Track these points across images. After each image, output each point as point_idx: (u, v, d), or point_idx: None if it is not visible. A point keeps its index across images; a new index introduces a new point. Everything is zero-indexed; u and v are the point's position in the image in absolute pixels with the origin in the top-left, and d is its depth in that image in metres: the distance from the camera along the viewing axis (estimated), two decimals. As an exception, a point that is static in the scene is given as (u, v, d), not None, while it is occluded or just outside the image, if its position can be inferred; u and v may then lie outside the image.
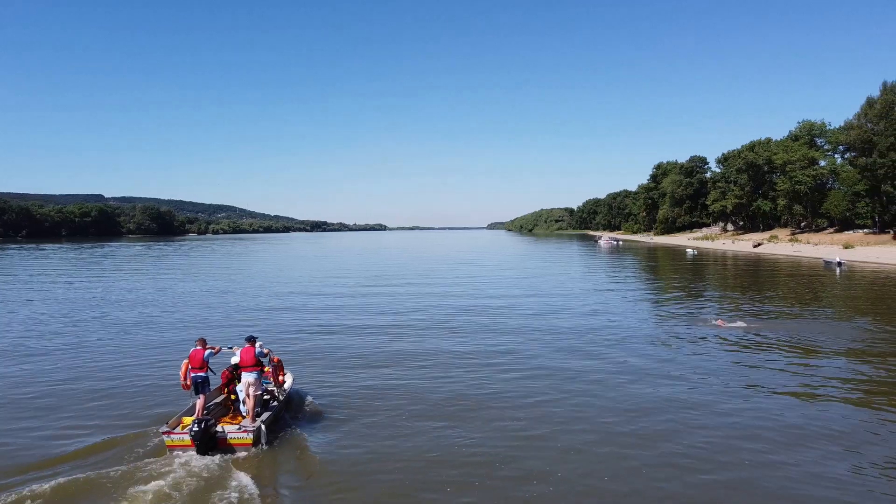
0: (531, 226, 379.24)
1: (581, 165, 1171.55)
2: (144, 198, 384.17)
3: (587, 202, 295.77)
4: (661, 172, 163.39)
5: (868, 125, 74.85)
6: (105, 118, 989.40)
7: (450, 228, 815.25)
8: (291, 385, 14.38)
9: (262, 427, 11.69)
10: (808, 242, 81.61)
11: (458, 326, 25.03)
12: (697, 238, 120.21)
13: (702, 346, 20.45)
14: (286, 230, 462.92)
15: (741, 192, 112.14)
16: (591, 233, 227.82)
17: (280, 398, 13.51)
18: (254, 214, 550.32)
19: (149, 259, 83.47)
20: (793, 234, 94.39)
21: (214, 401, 13.29)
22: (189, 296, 37.63)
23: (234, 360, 13.17)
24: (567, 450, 11.40)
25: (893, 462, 10.70)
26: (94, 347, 21.54)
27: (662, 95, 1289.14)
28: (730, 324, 24.03)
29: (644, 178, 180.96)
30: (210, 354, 12.74)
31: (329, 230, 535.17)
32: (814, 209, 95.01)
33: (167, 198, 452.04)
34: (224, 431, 11.55)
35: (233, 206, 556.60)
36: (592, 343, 21.19)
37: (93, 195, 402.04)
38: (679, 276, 50.39)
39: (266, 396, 13.28)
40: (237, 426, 11.81)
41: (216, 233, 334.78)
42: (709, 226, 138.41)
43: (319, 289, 41.47)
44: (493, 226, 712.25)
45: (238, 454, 11.40)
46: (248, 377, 12.34)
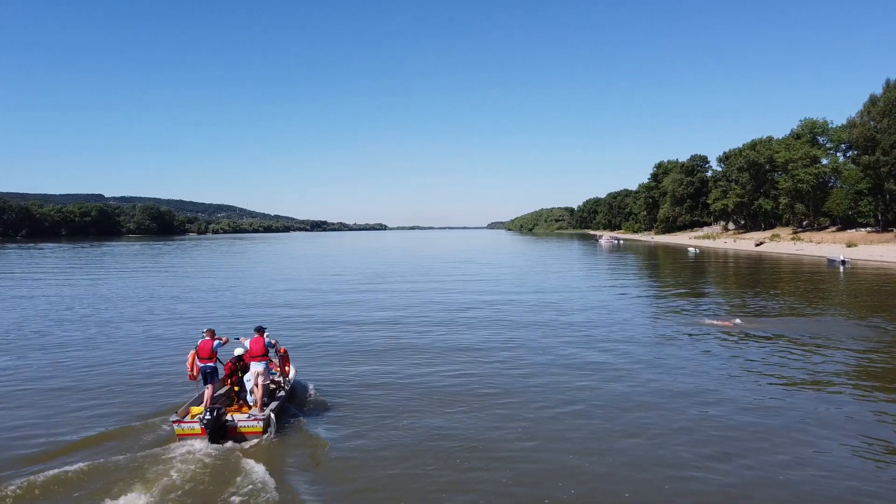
0: (531, 225, 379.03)
1: (581, 165, 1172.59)
2: (144, 197, 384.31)
3: (587, 202, 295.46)
4: (662, 171, 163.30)
5: (871, 123, 74.50)
6: (105, 118, 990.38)
7: (450, 228, 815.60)
8: (294, 376, 14.42)
9: (272, 416, 11.65)
10: (811, 241, 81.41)
11: (458, 322, 24.99)
12: (698, 237, 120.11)
13: (708, 343, 20.40)
14: (286, 230, 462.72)
15: (742, 191, 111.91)
16: (592, 232, 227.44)
17: (285, 388, 13.49)
18: (254, 214, 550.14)
19: (148, 258, 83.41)
20: (795, 233, 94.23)
21: (219, 391, 13.26)
22: (191, 292, 37.60)
23: (238, 352, 13.18)
24: (569, 445, 11.37)
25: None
26: (97, 343, 21.50)
27: (663, 95, 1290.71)
28: (735, 321, 23.96)
29: (645, 178, 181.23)
30: (219, 345, 12.75)
31: (329, 230, 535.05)
32: (816, 208, 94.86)
33: (167, 197, 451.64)
34: (234, 420, 11.53)
35: (233, 206, 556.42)
36: (595, 339, 21.10)
37: (93, 195, 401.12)
38: (682, 275, 50.32)
39: (272, 387, 13.27)
40: (246, 415, 11.79)
41: (216, 232, 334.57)
42: (710, 225, 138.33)
43: (320, 286, 41.43)
44: (493, 225, 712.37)
45: (247, 442, 11.36)
46: (258, 367, 12.35)
